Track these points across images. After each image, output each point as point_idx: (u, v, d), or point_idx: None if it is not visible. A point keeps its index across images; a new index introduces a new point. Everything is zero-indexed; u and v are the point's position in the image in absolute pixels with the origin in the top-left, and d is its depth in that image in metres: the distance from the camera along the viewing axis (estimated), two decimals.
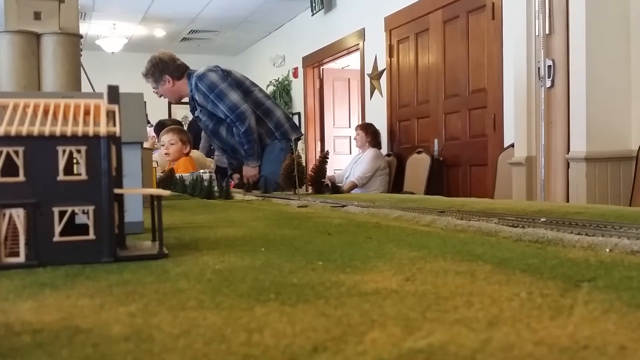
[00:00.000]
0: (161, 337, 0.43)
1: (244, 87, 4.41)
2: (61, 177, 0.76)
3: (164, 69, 4.43)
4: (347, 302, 0.53)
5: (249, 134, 4.28)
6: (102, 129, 0.78)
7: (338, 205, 1.76)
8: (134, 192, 1.07)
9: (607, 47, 3.77)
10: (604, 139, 3.78)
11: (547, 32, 3.91)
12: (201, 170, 3.67)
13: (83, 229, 0.78)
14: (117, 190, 0.80)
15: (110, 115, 0.82)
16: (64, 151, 0.77)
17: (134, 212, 1.14)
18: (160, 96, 4.61)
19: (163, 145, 4.74)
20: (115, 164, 0.82)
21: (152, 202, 0.86)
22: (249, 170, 4.37)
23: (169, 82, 4.44)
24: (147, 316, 0.50)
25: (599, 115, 3.75)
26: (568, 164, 3.88)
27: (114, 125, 0.80)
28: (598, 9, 3.73)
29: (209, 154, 5.50)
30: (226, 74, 4.35)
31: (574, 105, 3.81)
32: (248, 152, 4.35)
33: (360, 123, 6.87)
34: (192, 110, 4.60)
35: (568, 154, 3.87)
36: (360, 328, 0.44)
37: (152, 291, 0.60)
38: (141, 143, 1.17)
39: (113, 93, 0.86)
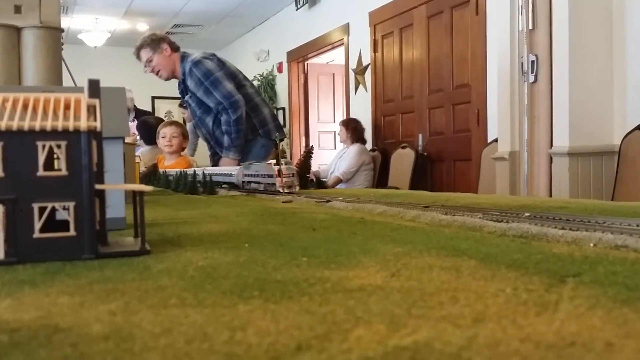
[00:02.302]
0: (142, 335, 0.43)
1: (237, 80, 4.39)
2: (41, 172, 0.75)
3: (162, 38, 4.44)
4: (331, 299, 0.52)
5: (239, 123, 4.25)
6: (83, 124, 0.77)
7: (323, 200, 1.76)
8: (115, 188, 1.06)
9: (590, 42, 3.79)
10: (586, 134, 3.80)
11: (530, 27, 3.92)
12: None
13: (63, 225, 0.77)
14: (98, 186, 0.79)
15: (91, 109, 0.81)
16: (43, 146, 0.75)
17: (116, 207, 1.12)
18: (152, 71, 4.54)
19: (164, 137, 4.72)
20: (96, 159, 0.81)
21: (135, 198, 0.85)
22: (228, 162, 4.26)
23: (166, 50, 4.42)
24: (127, 314, 0.49)
25: (582, 110, 3.77)
26: (551, 158, 3.90)
27: (95, 119, 0.79)
28: (581, 4, 3.75)
29: None
30: (222, 64, 4.35)
31: (557, 100, 3.83)
32: (233, 143, 4.28)
33: (343, 118, 6.87)
34: (182, 94, 4.58)
35: (551, 148, 3.89)
36: (344, 325, 0.44)
37: (133, 288, 0.59)
38: (123, 138, 1.16)
39: (94, 87, 0.84)
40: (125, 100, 1.22)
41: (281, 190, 2.01)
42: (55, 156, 0.78)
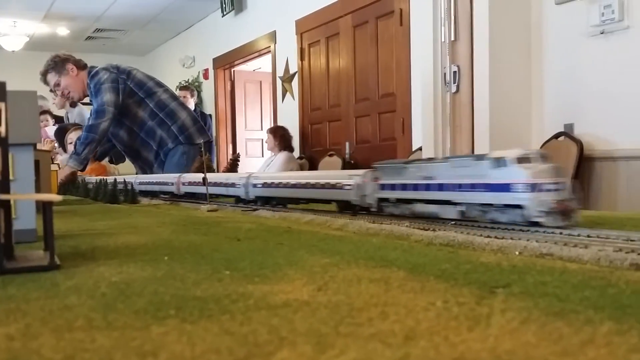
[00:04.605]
0: None
1: (146, 89, 4.21)
2: None
3: (66, 59, 4.26)
4: (254, 317, 0.49)
5: (94, 132, 3.99)
6: None
7: (249, 208, 1.72)
8: (20, 198, 0.99)
9: (509, 53, 3.90)
10: (506, 142, 3.89)
11: (452, 38, 4.00)
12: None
13: None
14: (1, 196, 0.73)
15: None
16: None
17: (26, 218, 1.05)
18: (62, 95, 4.37)
19: (71, 143, 4.53)
20: (1, 167, 0.75)
21: (43, 209, 0.79)
22: (66, 170, 3.93)
23: (72, 70, 4.24)
24: (27, 339, 0.44)
25: (501, 119, 3.87)
26: None
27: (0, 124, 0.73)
28: (500, 17, 3.85)
29: None
30: (123, 77, 4.13)
31: (478, 109, 3.92)
32: (77, 150, 4.00)
33: (270, 126, 6.84)
34: None
35: None
36: (267, 347, 0.41)
37: (37, 308, 0.54)
38: (34, 144, 1.09)
39: None
40: (36, 104, 1.15)
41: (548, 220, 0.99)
42: None
